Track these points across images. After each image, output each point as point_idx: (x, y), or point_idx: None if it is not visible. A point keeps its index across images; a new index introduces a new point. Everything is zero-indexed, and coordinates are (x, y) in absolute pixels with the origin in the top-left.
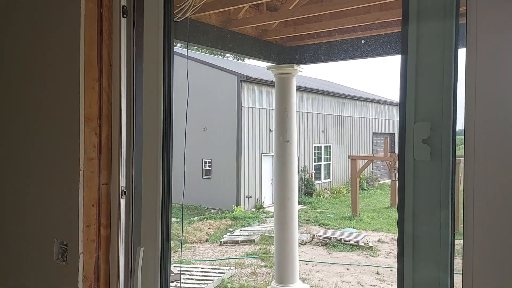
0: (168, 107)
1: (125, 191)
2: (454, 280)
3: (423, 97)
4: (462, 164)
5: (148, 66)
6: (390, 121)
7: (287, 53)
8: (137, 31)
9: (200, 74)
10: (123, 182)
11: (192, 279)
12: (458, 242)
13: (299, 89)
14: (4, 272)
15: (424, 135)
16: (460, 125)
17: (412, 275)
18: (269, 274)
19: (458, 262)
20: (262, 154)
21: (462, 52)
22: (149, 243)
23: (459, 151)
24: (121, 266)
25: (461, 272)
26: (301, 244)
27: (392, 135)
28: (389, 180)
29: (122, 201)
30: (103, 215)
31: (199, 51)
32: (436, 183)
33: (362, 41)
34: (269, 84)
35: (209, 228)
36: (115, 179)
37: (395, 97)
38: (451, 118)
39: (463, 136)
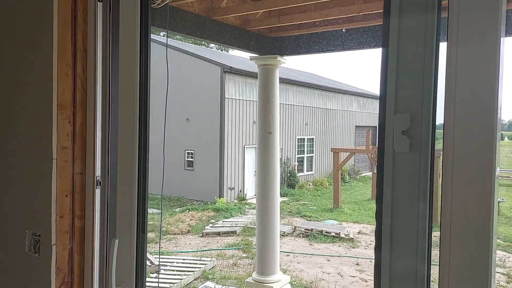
0: (145, 95)
1: (100, 182)
2: (431, 271)
3: (403, 89)
4: (441, 158)
5: (124, 52)
6: (372, 114)
7: (270, 43)
8: (113, 15)
9: (184, 64)
10: (98, 172)
11: (173, 270)
12: (435, 234)
13: (283, 81)
14: None
15: (403, 126)
16: (439, 119)
17: (389, 266)
18: (250, 265)
19: (435, 253)
20: (245, 146)
21: (443, 46)
22: (124, 235)
23: (438, 145)
24: (96, 257)
25: (438, 263)
26: (283, 235)
27: (374, 128)
28: (371, 173)
29: (97, 192)
30: (77, 206)
31: (183, 41)
32: (415, 174)
33: (343, 30)
34: (253, 75)
35: (191, 219)
36: (90, 169)
37: (378, 90)
38: (431, 111)
39: (442, 130)
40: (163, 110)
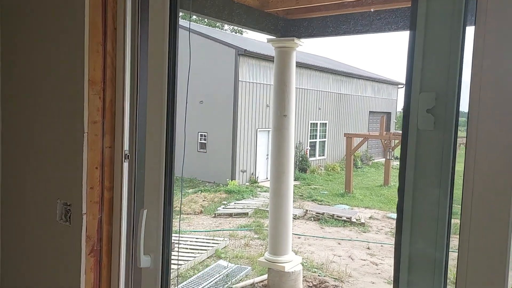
0: (173, 74)
1: (128, 155)
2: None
3: (429, 69)
4: (462, 145)
5: (154, 30)
6: (387, 100)
7: (288, 26)
8: None
9: (198, 46)
10: (126, 146)
11: (186, 248)
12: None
13: (297, 64)
14: (9, 233)
15: (428, 105)
16: (464, 106)
17: (409, 248)
18: (262, 246)
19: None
20: (258, 129)
21: (470, 30)
22: (152, 206)
23: (461, 133)
24: (123, 227)
25: (456, 250)
26: (294, 218)
27: (388, 114)
28: (384, 159)
29: (125, 165)
30: (107, 178)
31: (197, 23)
32: (438, 152)
33: (372, 10)
34: (267, 58)
35: (203, 200)
36: (119, 143)
37: (393, 76)
38: (456, 91)
39: (465, 118)
40: (181, 92)
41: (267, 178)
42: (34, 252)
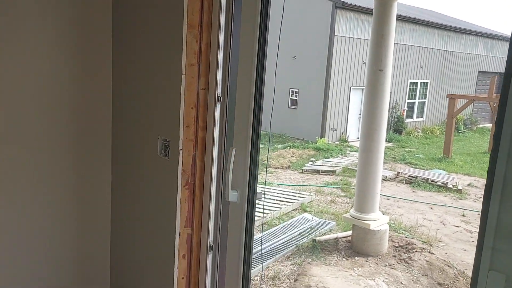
0: (265, 20)
1: (220, 97)
2: None
3: None
4: None
5: None
6: (501, 59)
7: None
8: None
9: None
10: (219, 89)
11: (273, 199)
12: None
13: (398, 18)
14: (118, 164)
15: None
16: None
17: (498, 215)
18: (348, 204)
19: None
20: (352, 87)
21: None
22: (240, 145)
23: None
24: (214, 164)
25: None
26: (384, 180)
27: (501, 75)
28: (490, 124)
29: (217, 106)
30: (201, 118)
31: None
32: None
33: None
34: (366, 11)
35: (291, 156)
36: (212, 85)
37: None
38: None
39: None
40: (272, 47)
41: (358, 138)
42: (139, 182)
